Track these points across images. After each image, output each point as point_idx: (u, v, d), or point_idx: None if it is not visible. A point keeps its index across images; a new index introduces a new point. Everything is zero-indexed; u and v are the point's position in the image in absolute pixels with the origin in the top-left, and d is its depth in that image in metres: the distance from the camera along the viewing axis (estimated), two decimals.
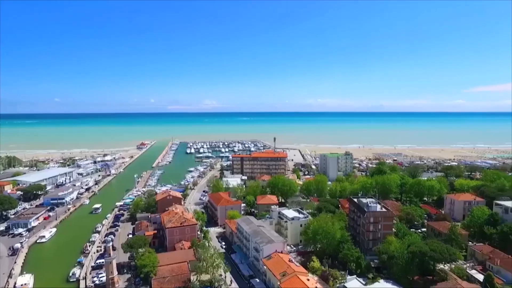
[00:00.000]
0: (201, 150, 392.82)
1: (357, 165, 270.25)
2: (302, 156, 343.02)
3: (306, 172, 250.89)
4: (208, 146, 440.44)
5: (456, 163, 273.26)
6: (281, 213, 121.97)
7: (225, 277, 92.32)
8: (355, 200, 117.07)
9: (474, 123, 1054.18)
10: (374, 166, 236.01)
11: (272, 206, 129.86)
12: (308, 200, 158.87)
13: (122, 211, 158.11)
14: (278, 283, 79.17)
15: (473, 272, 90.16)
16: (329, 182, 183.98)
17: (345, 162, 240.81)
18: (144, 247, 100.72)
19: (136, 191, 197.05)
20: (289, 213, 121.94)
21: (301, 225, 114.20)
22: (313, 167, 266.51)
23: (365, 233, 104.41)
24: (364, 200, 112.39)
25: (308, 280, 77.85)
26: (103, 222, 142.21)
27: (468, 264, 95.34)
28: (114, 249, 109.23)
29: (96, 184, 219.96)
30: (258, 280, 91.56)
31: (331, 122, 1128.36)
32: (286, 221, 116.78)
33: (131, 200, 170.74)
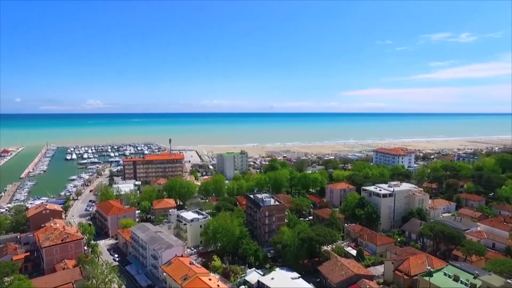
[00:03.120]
0: (85, 156, 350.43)
1: (252, 163, 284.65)
2: (199, 156, 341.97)
3: (204, 173, 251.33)
4: (94, 150, 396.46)
5: (333, 157, 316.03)
6: (179, 216, 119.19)
7: None
8: (251, 196, 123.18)
9: (345, 122, 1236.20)
10: (267, 163, 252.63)
11: (170, 210, 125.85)
12: (206, 200, 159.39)
13: None
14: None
15: (349, 249, 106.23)
16: (227, 181, 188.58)
17: (241, 161, 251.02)
18: (12, 274, 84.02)
19: None
20: (188, 215, 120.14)
21: (200, 226, 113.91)
22: (211, 167, 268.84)
23: (261, 227, 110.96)
24: (259, 196, 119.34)
25: (210, 279, 78.29)
26: None
27: (345, 243, 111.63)
28: None
29: None
30: None
31: (227, 123, 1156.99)
32: (185, 224, 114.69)
33: None
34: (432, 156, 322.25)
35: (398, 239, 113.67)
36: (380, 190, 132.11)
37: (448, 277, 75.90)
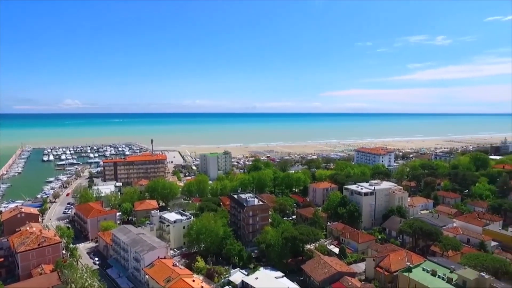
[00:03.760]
0: (63, 157, 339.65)
1: (236, 163, 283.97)
2: (182, 157, 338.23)
3: (187, 173, 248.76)
4: (72, 151, 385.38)
5: (316, 157, 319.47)
6: (162, 217, 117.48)
7: None
8: (235, 196, 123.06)
9: (327, 122, 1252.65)
10: (251, 163, 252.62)
11: (152, 211, 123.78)
12: (190, 201, 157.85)
13: None
14: None
15: (332, 247, 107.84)
16: (210, 181, 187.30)
17: (225, 161, 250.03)
18: None
19: None
20: (171, 216, 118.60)
21: (184, 227, 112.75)
22: (194, 167, 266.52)
23: (245, 227, 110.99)
24: (243, 196, 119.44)
25: (193, 281, 77.63)
26: None
27: (327, 241, 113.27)
28: None
29: None
30: None
31: (210, 123, 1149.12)
32: (168, 225, 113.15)
33: None
34: (411, 155, 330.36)
35: (379, 237, 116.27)
36: (361, 188, 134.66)
37: (426, 272, 78.30)
